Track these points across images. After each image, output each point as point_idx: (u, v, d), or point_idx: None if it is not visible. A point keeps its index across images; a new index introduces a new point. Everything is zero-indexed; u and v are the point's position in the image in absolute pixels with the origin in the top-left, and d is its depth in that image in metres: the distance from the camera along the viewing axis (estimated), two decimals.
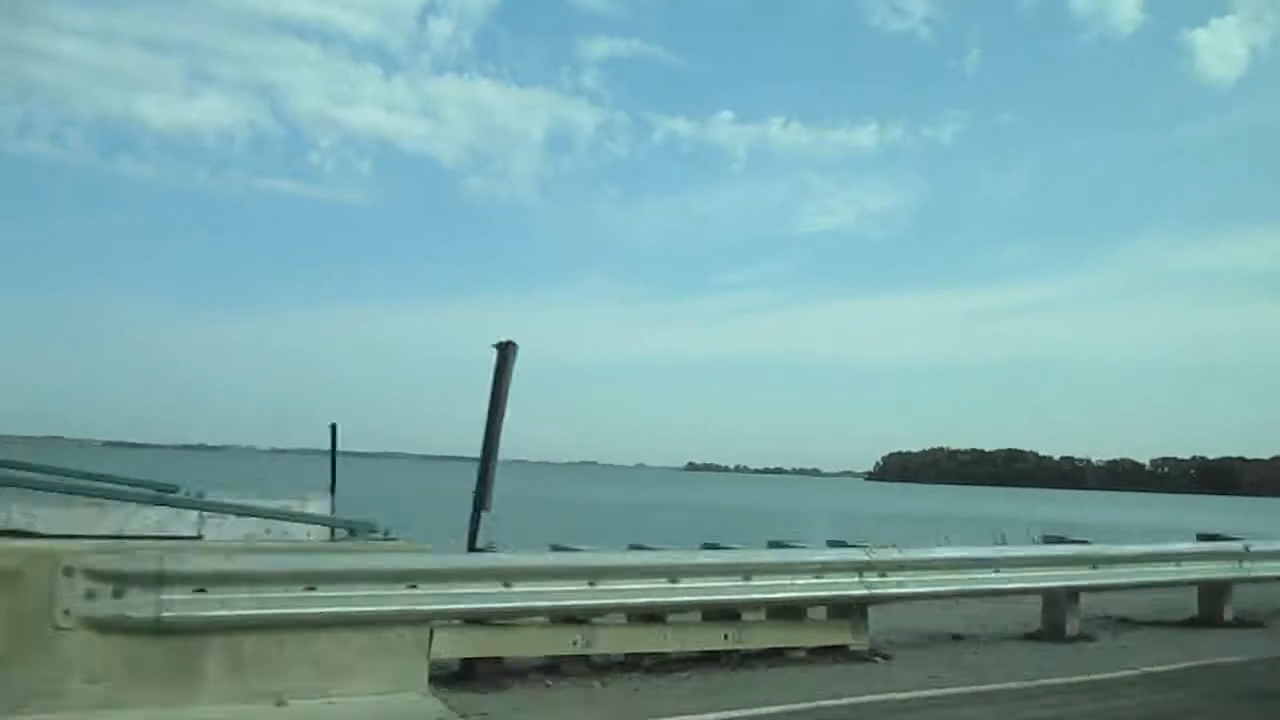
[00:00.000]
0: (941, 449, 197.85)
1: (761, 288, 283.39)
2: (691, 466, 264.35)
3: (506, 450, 7.23)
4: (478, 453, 7.33)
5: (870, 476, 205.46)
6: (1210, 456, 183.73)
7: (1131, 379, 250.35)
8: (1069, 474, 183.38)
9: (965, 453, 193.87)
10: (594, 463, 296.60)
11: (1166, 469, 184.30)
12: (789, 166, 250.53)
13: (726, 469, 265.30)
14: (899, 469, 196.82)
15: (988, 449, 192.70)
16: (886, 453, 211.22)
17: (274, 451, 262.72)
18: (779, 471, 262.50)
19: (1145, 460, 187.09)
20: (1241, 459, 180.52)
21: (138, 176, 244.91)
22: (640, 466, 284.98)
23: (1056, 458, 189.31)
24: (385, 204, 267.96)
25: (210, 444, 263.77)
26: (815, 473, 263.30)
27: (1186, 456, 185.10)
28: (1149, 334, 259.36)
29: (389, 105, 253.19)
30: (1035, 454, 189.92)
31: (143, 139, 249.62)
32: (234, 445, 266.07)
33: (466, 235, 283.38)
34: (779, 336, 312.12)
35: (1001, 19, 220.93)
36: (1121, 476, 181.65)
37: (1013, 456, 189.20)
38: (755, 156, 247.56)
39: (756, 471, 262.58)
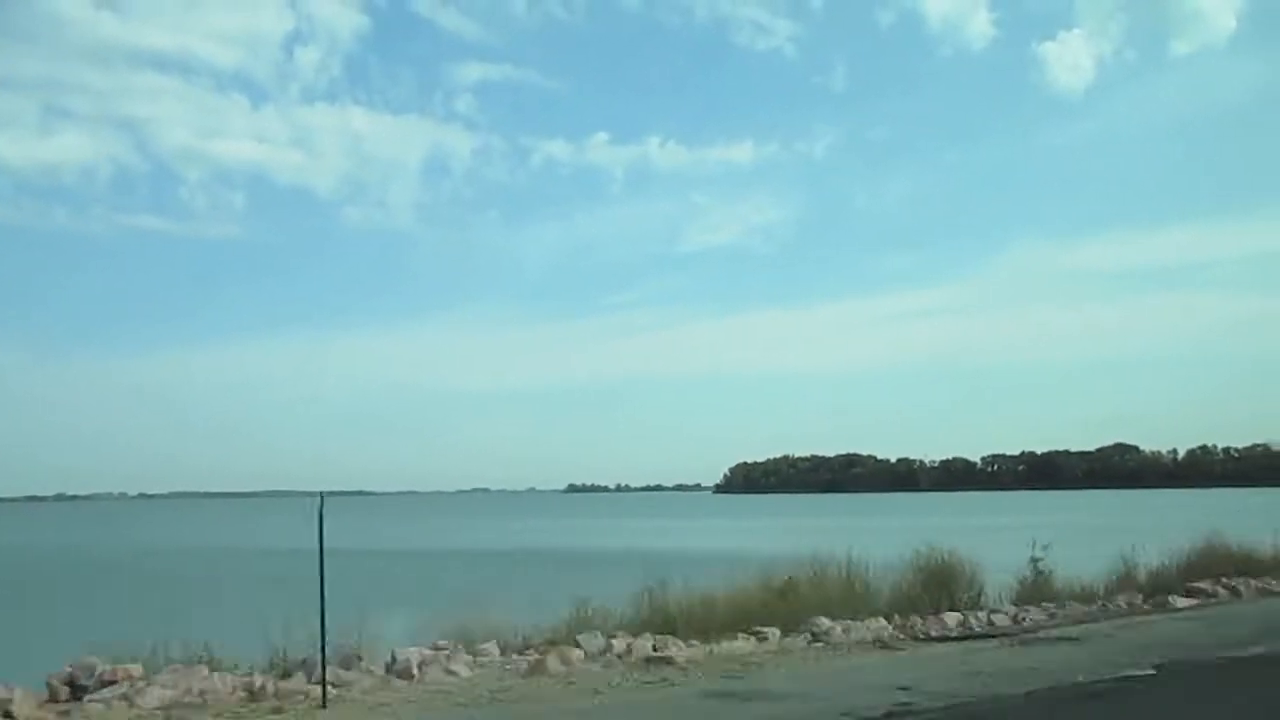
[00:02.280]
0: (785, 457, 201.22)
1: (649, 306, 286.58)
2: (572, 488, 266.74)
3: (399, 481, 7.09)
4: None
5: (719, 489, 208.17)
6: (1039, 451, 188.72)
7: (988, 381, 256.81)
8: (904, 476, 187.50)
9: (805, 460, 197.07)
10: (486, 489, 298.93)
11: (996, 466, 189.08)
12: (671, 185, 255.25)
13: (609, 489, 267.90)
14: (743, 479, 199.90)
15: (828, 454, 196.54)
16: (734, 463, 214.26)
17: (142, 496, 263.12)
18: (659, 488, 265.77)
19: (977, 458, 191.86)
20: (1067, 452, 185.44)
21: None
22: (531, 490, 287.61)
23: (893, 460, 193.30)
24: (261, 237, 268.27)
25: (72, 493, 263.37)
26: (696, 487, 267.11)
27: (1015, 453, 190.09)
28: (1017, 338, 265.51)
29: (259, 136, 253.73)
30: (873, 458, 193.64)
31: None
32: (102, 494, 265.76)
33: (346, 266, 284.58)
34: (668, 354, 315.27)
35: (863, 36, 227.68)
36: (954, 475, 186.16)
37: (851, 461, 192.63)
38: (635, 177, 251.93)
39: (638, 490, 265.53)
